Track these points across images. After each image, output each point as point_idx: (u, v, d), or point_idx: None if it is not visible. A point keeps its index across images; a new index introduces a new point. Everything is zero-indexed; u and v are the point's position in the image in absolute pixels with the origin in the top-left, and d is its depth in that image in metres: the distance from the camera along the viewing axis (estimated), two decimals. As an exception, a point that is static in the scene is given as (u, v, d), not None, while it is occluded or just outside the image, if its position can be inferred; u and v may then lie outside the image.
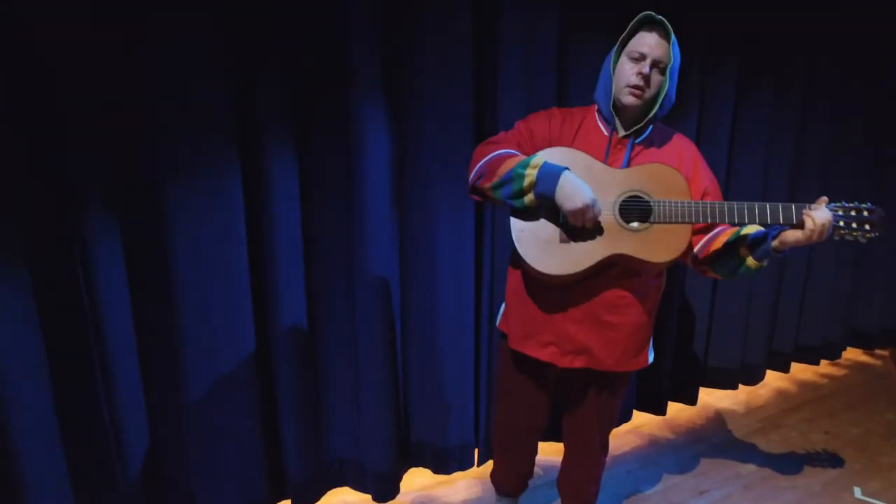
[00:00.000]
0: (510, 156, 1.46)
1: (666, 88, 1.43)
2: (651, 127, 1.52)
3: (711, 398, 2.95)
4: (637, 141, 1.50)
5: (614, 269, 1.47)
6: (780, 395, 3.02)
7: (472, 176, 1.51)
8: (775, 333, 3.11)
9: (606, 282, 1.48)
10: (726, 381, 2.93)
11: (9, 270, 1.35)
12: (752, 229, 1.44)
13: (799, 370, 3.29)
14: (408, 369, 2.11)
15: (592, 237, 1.43)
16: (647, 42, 1.40)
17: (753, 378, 3.05)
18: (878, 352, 3.59)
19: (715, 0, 2.36)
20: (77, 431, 1.52)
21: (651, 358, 1.63)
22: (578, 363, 1.54)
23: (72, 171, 1.43)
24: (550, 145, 1.50)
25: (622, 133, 1.49)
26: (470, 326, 2.10)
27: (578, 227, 1.42)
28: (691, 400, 2.82)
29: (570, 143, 1.51)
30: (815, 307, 3.20)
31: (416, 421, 2.17)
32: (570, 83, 2.12)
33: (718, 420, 2.76)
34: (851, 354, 3.55)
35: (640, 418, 2.73)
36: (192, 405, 1.72)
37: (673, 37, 1.41)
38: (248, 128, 1.66)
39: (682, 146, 1.54)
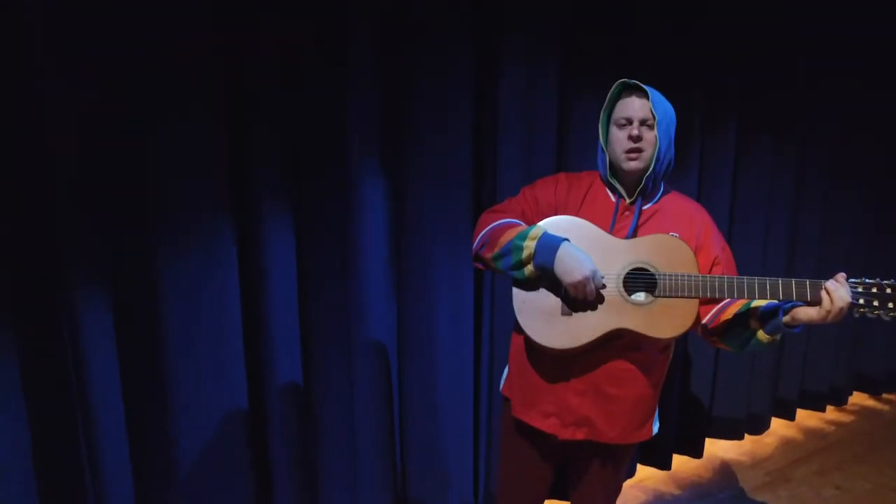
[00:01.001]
0: (511, 226, 1.44)
1: (658, 144, 1.40)
2: (661, 192, 1.50)
3: (717, 448, 2.87)
4: (645, 207, 1.47)
5: (619, 341, 1.42)
6: (787, 444, 2.94)
7: (475, 245, 1.50)
8: (780, 380, 3.05)
9: (610, 353, 1.43)
10: (732, 431, 2.86)
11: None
12: (763, 302, 1.37)
13: (804, 417, 3.21)
14: (406, 434, 2.05)
15: (594, 310, 1.39)
16: (629, 107, 1.41)
17: (759, 427, 2.97)
18: (885, 396, 3.52)
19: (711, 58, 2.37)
20: (59, 498, 1.45)
21: (656, 429, 1.58)
22: (580, 435, 1.50)
23: (60, 235, 1.39)
24: (556, 213, 1.48)
25: (629, 200, 1.46)
26: (469, 389, 2.05)
27: (580, 299, 1.38)
28: (697, 452, 2.74)
29: (577, 211, 1.48)
30: (819, 352, 3.14)
31: (415, 485, 2.09)
32: (571, 130, 2.12)
33: (725, 473, 2.68)
34: (858, 399, 3.48)
35: (644, 472, 2.65)
36: (182, 472, 1.64)
37: (653, 93, 1.40)
38: (243, 193, 1.63)
39: (693, 213, 1.49)
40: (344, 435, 1.92)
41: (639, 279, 1.39)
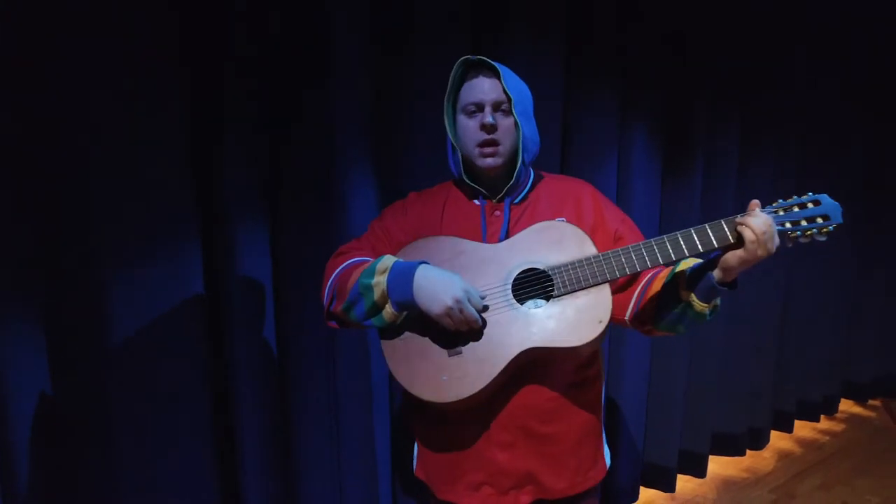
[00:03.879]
0: (359, 264, 1.16)
1: (521, 130, 1.16)
2: (531, 180, 1.24)
3: (717, 466, 2.73)
4: (515, 201, 1.21)
5: (533, 366, 1.13)
6: (786, 458, 2.83)
7: (324, 299, 1.20)
8: (779, 391, 2.95)
9: (528, 383, 1.14)
10: (733, 448, 2.72)
11: None
12: (688, 264, 1.13)
13: (798, 427, 3.13)
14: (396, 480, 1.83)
15: (488, 339, 1.10)
16: (477, 88, 1.16)
17: (760, 441, 2.86)
18: (870, 403, 3.49)
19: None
20: None
21: (608, 460, 1.30)
22: (525, 499, 1.19)
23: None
24: (416, 238, 1.20)
25: (496, 198, 1.21)
26: None
27: (463, 331, 1.09)
28: (700, 471, 2.59)
29: (438, 229, 1.21)
30: (814, 360, 3.06)
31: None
32: (575, 130, 1.98)
33: (729, 492, 2.53)
34: (845, 406, 3.43)
35: (647, 495, 2.47)
36: None
37: (504, 70, 1.15)
38: (211, 201, 1.37)
39: (575, 190, 1.25)
40: (330, 477, 1.66)
41: (531, 283, 1.13)
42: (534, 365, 1.12)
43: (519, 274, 1.12)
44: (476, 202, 1.22)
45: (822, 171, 2.82)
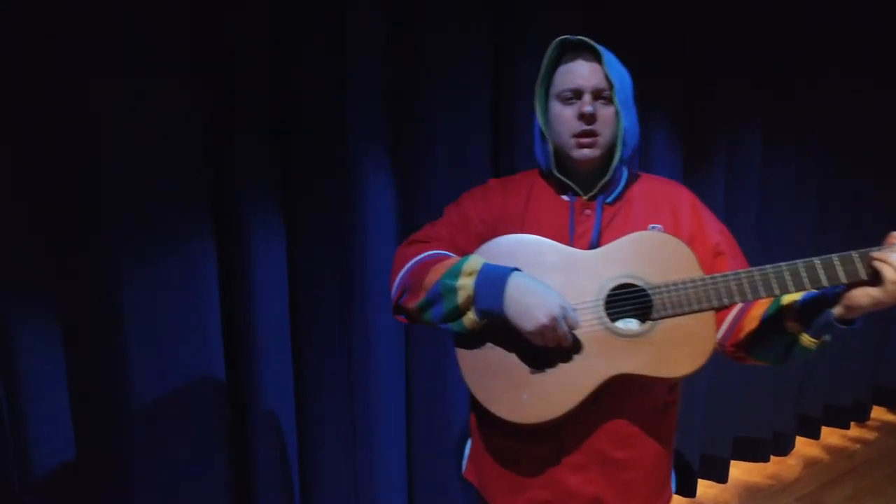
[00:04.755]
0: (438, 259, 1.06)
1: (623, 121, 1.06)
2: (624, 178, 1.13)
3: (740, 471, 2.65)
4: (608, 200, 1.10)
5: (618, 389, 1.05)
6: (814, 465, 2.73)
7: (393, 291, 1.12)
8: (804, 396, 2.84)
9: (610, 407, 1.06)
10: (757, 453, 2.64)
11: None
12: (797, 294, 1.01)
13: (827, 434, 3.02)
14: (415, 473, 1.81)
15: (573, 360, 1.00)
16: (576, 73, 1.05)
17: (785, 447, 2.77)
18: (905, 410, 3.35)
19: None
20: None
21: (674, 486, 1.23)
22: None
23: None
24: (494, 231, 1.11)
25: (587, 195, 1.10)
26: None
27: (551, 348, 1.00)
28: (721, 477, 2.51)
29: (521, 224, 1.11)
30: (844, 363, 2.95)
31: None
32: None
33: (753, 500, 2.46)
34: (877, 413, 3.30)
35: (666, 500, 2.39)
36: None
37: (606, 54, 1.05)
38: (225, 196, 1.38)
39: (673, 195, 1.14)
40: (344, 480, 1.65)
41: (625, 300, 1.02)
42: (619, 388, 1.03)
43: (614, 288, 1.02)
44: (565, 198, 1.12)
45: (850, 175, 2.73)
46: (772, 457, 2.74)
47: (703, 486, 2.51)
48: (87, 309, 1.20)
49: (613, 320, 1.02)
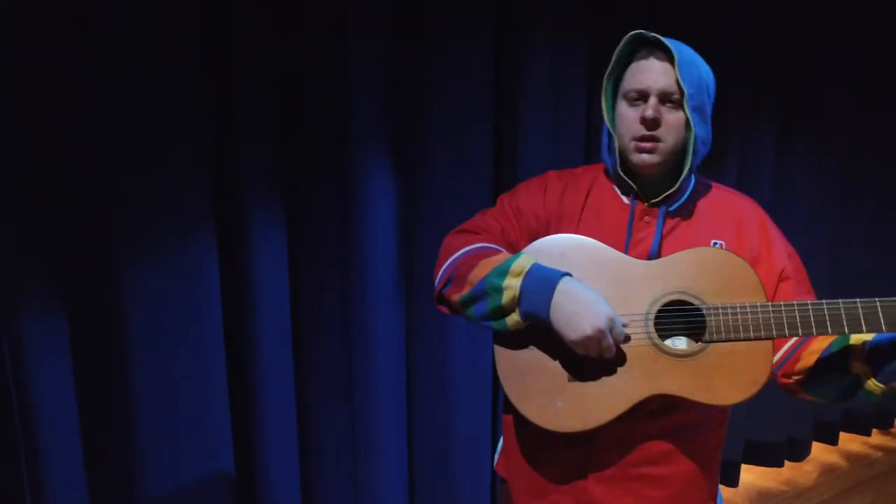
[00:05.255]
0: (487, 253, 1.02)
1: (693, 129, 0.98)
2: (691, 187, 1.07)
3: (753, 476, 2.60)
4: (671, 209, 1.05)
5: (659, 410, 1.01)
6: (831, 472, 2.66)
7: (437, 280, 1.07)
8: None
9: (645, 423, 1.01)
10: (770, 458, 2.59)
11: None
12: (869, 335, 0.93)
13: (846, 441, 2.94)
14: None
15: (617, 372, 0.96)
16: (646, 72, 0.99)
17: (799, 453, 2.70)
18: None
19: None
20: None
21: None
22: None
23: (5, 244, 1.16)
24: (548, 228, 1.07)
25: (648, 201, 1.05)
26: (487, 406, 1.83)
27: (593, 358, 0.96)
28: (731, 480, 2.47)
29: (576, 224, 1.07)
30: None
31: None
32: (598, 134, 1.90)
33: (764, 505, 2.40)
34: (902, 421, 3.19)
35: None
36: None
37: (681, 52, 0.98)
38: (227, 189, 1.41)
39: (742, 211, 1.07)
40: (345, 467, 1.69)
41: (678, 318, 0.97)
42: (661, 408, 1.00)
43: (667, 303, 0.97)
44: (625, 200, 1.07)
45: (876, 179, 2.65)
46: (786, 462, 2.68)
47: (714, 490, 2.48)
48: (92, 305, 1.26)
49: (663, 337, 0.97)
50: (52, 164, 1.18)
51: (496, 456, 1.22)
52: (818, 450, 2.83)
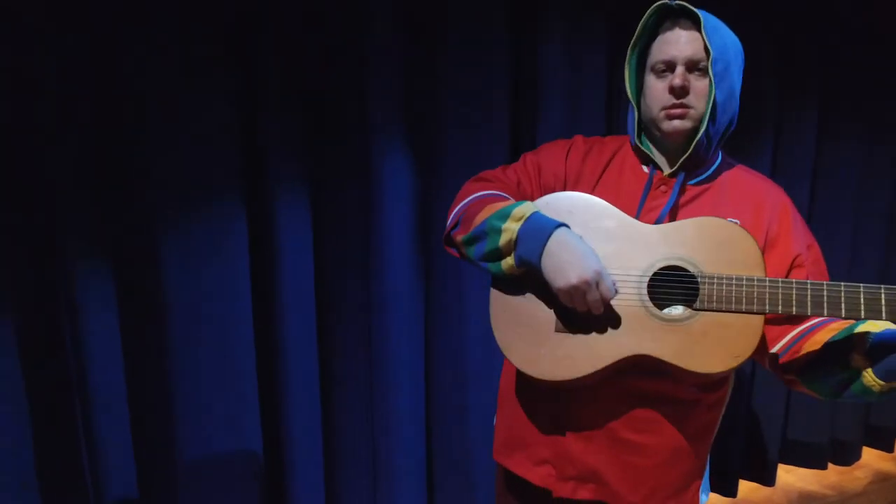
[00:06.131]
0: (497, 199, 1.05)
1: (714, 95, 0.98)
2: (717, 163, 1.07)
3: (794, 477, 2.49)
4: (692, 182, 1.05)
5: (644, 373, 1.01)
6: (885, 480, 2.50)
7: (448, 221, 1.12)
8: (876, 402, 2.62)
9: (631, 386, 1.02)
10: (811, 459, 2.47)
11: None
12: (876, 326, 0.89)
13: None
14: (434, 462, 1.90)
15: (603, 329, 0.97)
16: (672, 42, 0.99)
17: (846, 457, 2.56)
18: None
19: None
20: (56, 486, 1.42)
21: (704, 498, 1.15)
22: (585, 494, 1.08)
23: (60, 213, 1.36)
24: (565, 187, 1.09)
25: (668, 171, 1.06)
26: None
27: (581, 312, 0.97)
28: (767, 479, 2.38)
29: (593, 186, 1.08)
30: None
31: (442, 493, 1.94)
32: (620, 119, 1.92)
33: (803, 507, 2.30)
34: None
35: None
36: (185, 467, 1.56)
37: (707, 19, 0.98)
38: (255, 170, 1.57)
39: (764, 193, 1.05)
40: (364, 456, 1.81)
41: (673, 283, 0.97)
42: (645, 371, 1.00)
43: (663, 268, 0.98)
44: (645, 169, 1.08)
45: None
46: (833, 465, 2.55)
47: (749, 488, 2.39)
48: (136, 276, 1.44)
49: (655, 301, 0.98)
50: (105, 150, 1.38)
51: (495, 417, 1.27)
52: (871, 456, 2.65)
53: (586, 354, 0.98)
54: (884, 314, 0.83)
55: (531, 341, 1.02)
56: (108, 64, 1.33)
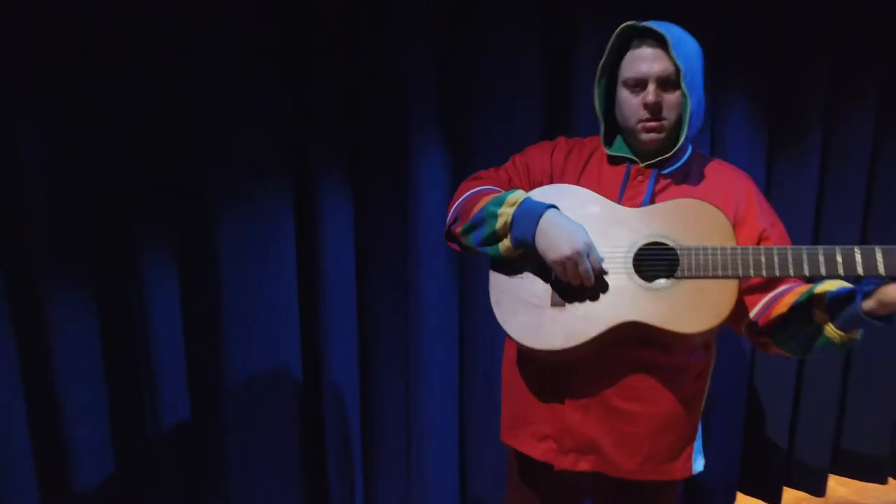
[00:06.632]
0: (490, 192, 1.17)
1: (689, 104, 1.09)
2: (687, 155, 1.18)
3: (848, 490, 2.36)
4: (665, 172, 1.16)
5: (634, 341, 1.10)
6: (954, 500, 2.32)
7: (448, 217, 1.24)
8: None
9: (623, 357, 1.11)
10: (869, 472, 2.34)
11: (75, 294, 1.52)
12: (833, 285, 1.02)
13: None
14: (468, 446, 1.98)
15: (595, 299, 1.07)
16: (642, 60, 1.09)
17: (910, 472, 2.40)
18: None
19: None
20: (125, 441, 1.64)
21: (699, 466, 1.21)
22: (584, 465, 1.17)
23: (128, 199, 1.56)
24: (552, 181, 1.21)
25: (643, 163, 1.16)
26: None
27: (575, 285, 1.08)
28: (816, 488, 2.29)
29: (577, 179, 1.20)
30: None
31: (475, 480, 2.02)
32: None
33: (857, 521, 2.19)
34: None
35: (747, 502, 2.26)
36: (236, 441, 1.75)
37: (671, 34, 1.08)
38: (302, 166, 1.72)
39: (731, 179, 1.17)
40: (400, 435, 1.92)
41: (656, 257, 1.08)
42: (635, 340, 1.10)
43: (645, 245, 1.09)
44: (623, 166, 1.20)
45: None
46: (891, 480, 2.40)
47: (795, 497, 2.29)
48: (194, 256, 1.62)
49: (642, 274, 1.08)
50: (169, 154, 1.57)
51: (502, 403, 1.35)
52: (941, 474, 2.48)
53: (581, 325, 1.08)
54: (841, 272, 0.94)
55: (529, 316, 1.12)
56: (171, 68, 1.51)
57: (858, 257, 0.93)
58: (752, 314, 1.12)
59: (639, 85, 1.11)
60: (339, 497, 1.87)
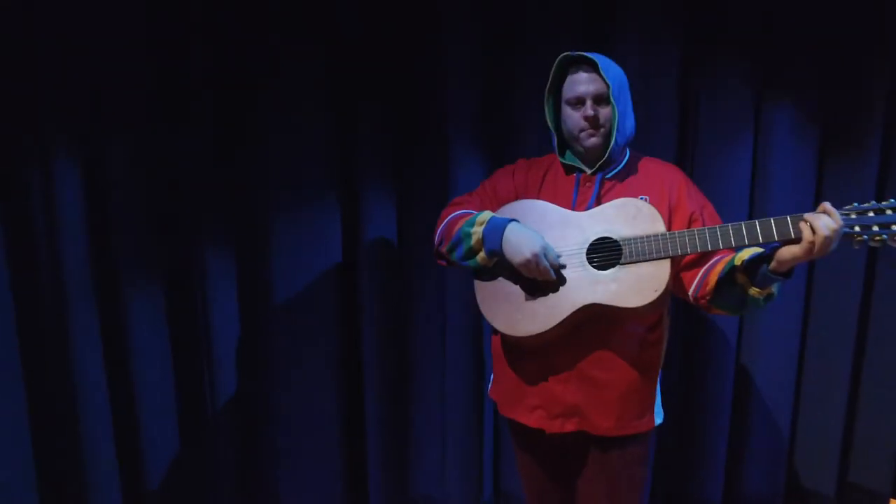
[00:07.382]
0: (465, 216, 1.43)
1: (617, 115, 1.35)
2: (626, 159, 1.45)
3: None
4: (607, 176, 1.42)
5: (597, 321, 1.36)
6: None
7: (435, 239, 1.50)
8: None
9: (590, 335, 1.38)
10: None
11: (146, 287, 1.76)
12: (748, 252, 1.28)
13: None
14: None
15: (558, 290, 1.34)
16: (579, 82, 1.37)
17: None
18: None
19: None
20: (189, 415, 1.88)
21: (658, 419, 1.47)
22: (570, 427, 1.43)
23: (192, 209, 1.78)
24: (517, 198, 1.46)
25: (590, 171, 1.42)
26: None
27: (539, 280, 1.34)
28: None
29: (537, 194, 1.45)
30: None
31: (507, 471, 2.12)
32: (697, 121, 1.96)
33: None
34: None
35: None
36: (280, 415, 1.93)
37: (601, 60, 1.35)
38: (349, 176, 1.90)
39: (663, 173, 1.43)
40: (436, 407, 2.06)
41: (604, 249, 1.33)
42: (598, 319, 1.36)
43: (595, 240, 1.34)
44: (573, 175, 1.46)
45: None
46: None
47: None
48: (249, 253, 1.84)
49: (593, 264, 1.34)
50: (231, 158, 1.79)
51: (488, 386, 1.62)
52: None
53: (551, 311, 1.35)
54: (745, 240, 1.21)
55: (509, 310, 1.39)
56: (233, 75, 1.72)
57: (758, 228, 1.19)
58: (691, 289, 1.38)
59: (579, 102, 1.37)
60: (377, 482, 2.01)
